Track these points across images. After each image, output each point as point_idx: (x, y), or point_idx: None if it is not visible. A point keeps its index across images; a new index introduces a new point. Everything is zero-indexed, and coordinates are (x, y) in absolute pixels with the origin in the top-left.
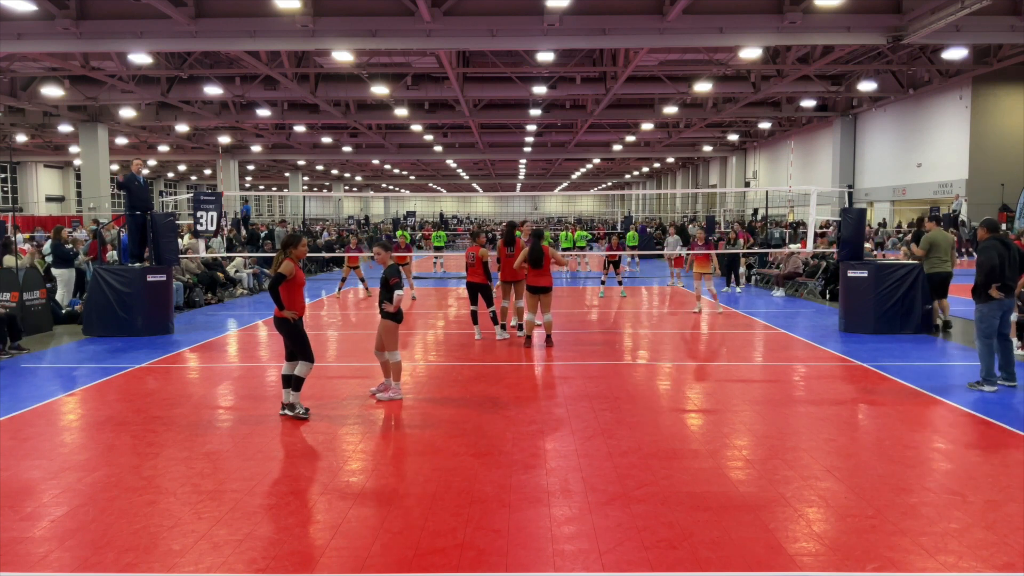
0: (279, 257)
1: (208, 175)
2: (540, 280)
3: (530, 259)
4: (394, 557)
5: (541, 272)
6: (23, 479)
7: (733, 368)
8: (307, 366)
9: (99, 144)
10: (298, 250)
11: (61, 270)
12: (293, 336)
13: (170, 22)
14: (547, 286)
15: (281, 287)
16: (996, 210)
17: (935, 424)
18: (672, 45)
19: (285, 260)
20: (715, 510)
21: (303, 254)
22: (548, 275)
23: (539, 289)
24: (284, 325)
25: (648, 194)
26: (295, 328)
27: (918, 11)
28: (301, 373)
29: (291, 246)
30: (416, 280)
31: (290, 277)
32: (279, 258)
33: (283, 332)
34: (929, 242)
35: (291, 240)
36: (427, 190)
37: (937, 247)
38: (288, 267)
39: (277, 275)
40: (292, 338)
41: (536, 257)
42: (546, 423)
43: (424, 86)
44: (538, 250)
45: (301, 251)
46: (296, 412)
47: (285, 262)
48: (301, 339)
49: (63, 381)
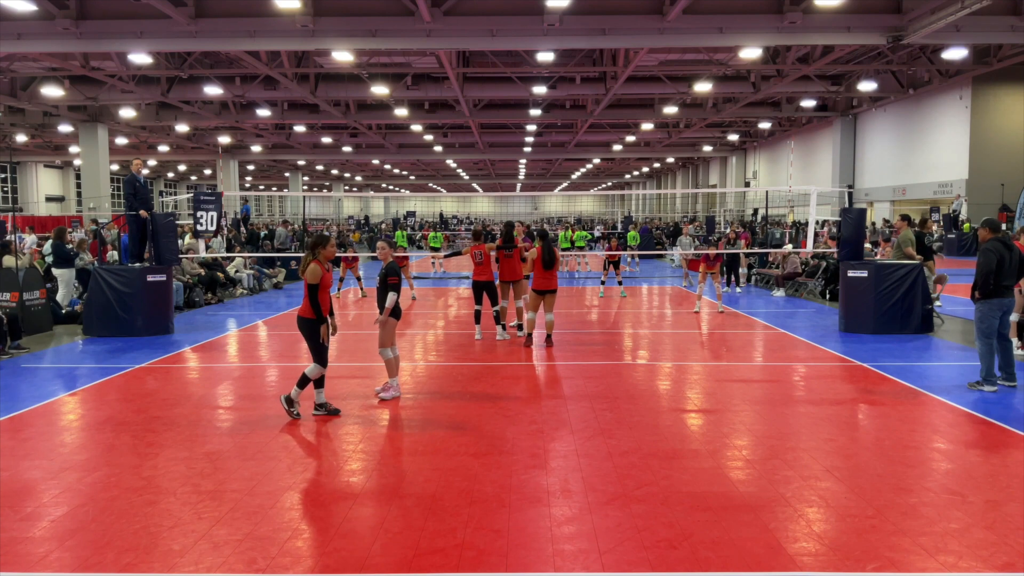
0: (307, 258)
1: (208, 175)
2: (548, 283)
3: (543, 262)
4: (394, 557)
5: (550, 274)
6: (23, 479)
7: (733, 368)
8: (317, 369)
9: (99, 144)
10: (326, 251)
11: (61, 270)
12: (313, 339)
13: (170, 22)
14: (554, 288)
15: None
16: (996, 210)
17: (935, 424)
18: (672, 45)
19: (312, 263)
20: (715, 510)
21: (331, 255)
22: (555, 277)
23: (546, 291)
24: (307, 327)
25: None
26: (317, 332)
27: (918, 11)
28: (309, 373)
29: (319, 246)
30: (416, 280)
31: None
32: (307, 259)
33: (304, 333)
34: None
35: (320, 240)
36: (427, 190)
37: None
38: (316, 273)
39: (311, 287)
40: (311, 341)
41: (549, 259)
42: (546, 423)
43: (424, 86)
44: (551, 252)
45: (329, 252)
46: (292, 410)
47: (312, 265)
48: (319, 343)
49: (63, 381)
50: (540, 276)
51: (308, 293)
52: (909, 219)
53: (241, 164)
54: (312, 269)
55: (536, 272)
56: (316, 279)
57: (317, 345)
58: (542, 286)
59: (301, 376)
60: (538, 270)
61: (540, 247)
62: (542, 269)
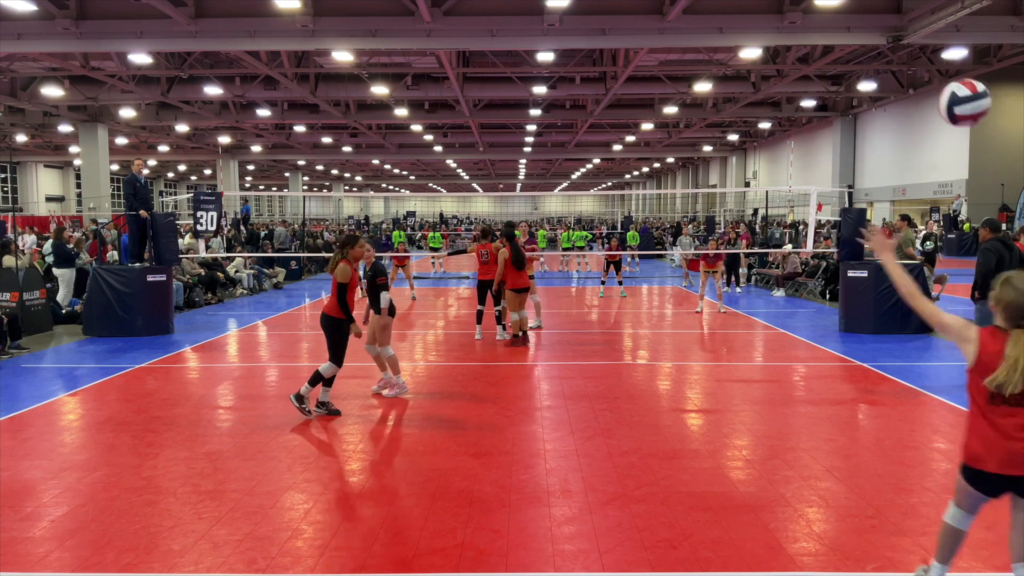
0: (336, 258)
1: (208, 175)
2: (523, 281)
3: (514, 263)
4: (394, 557)
5: (523, 273)
6: (23, 479)
7: (733, 368)
8: (332, 368)
9: (99, 144)
10: (356, 250)
11: (62, 270)
12: (335, 338)
13: (170, 22)
14: (527, 286)
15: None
16: (996, 210)
17: (935, 424)
18: (672, 45)
19: (342, 262)
20: (715, 510)
21: (360, 255)
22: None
23: (523, 289)
24: (332, 325)
25: (648, 194)
26: (340, 332)
27: (918, 11)
28: (324, 371)
29: (349, 246)
30: (416, 280)
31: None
32: (336, 259)
33: (327, 331)
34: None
35: (349, 240)
36: (427, 190)
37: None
38: (346, 272)
39: (341, 286)
40: (333, 339)
41: (519, 259)
42: (546, 423)
43: (424, 86)
44: (519, 252)
45: (359, 252)
46: (303, 407)
47: (342, 265)
48: (340, 343)
49: (63, 381)
50: (514, 275)
51: (338, 292)
52: (909, 219)
53: (241, 164)
54: (342, 268)
55: (509, 272)
56: (347, 278)
57: (337, 344)
58: (518, 284)
59: (314, 373)
60: (510, 270)
61: (510, 247)
62: (516, 270)
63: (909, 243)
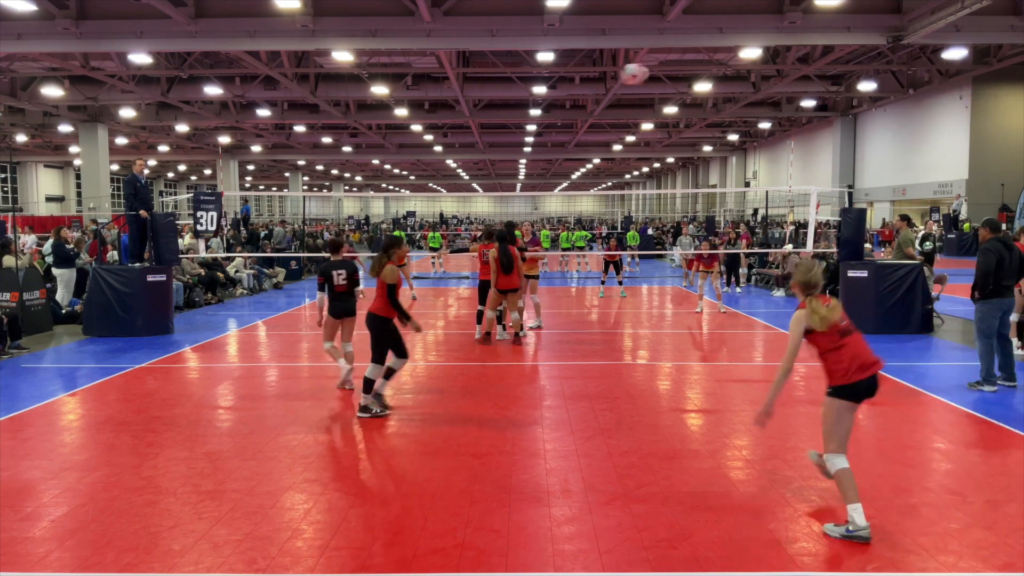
0: (381, 259)
1: (208, 175)
2: (510, 282)
3: (502, 266)
4: (394, 557)
5: (511, 276)
6: (23, 479)
7: (733, 368)
8: (376, 369)
9: (99, 144)
10: (400, 252)
11: (61, 270)
12: (391, 336)
13: (170, 22)
14: (516, 287)
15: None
16: (996, 210)
17: (935, 424)
18: (672, 45)
19: (388, 264)
20: (715, 510)
21: (404, 256)
22: (515, 277)
23: (508, 290)
24: (380, 324)
25: (648, 194)
26: (387, 330)
27: (918, 11)
28: (371, 375)
29: (394, 247)
30: (416, 280)
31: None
32: (381, 260)
33: (377, 331)
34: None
35: (394, 242)
36: (427, 190)
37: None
38: (394, 273)
39: (390, 287)
40: (388, 337)
41: (507, 263)
42: (546, 423)
43: (424, 86)
44: (507, 255)
45: (403, 252)
46: (374, 412)
47: (389, 267)
48: (396, 338)
49: (63, 381)
50: (501, 277)
51: (388, 294)
52: (909, 219)
53: (241, 164)
54: (390, 270)
55: (497, 273)
56: (395, 279)
57: (382, 343)
58: (504, 285)
59: (364, 381)
60: (498, 271)
61: (498, 249)
62: (503, 272)
63: (909, 243)
